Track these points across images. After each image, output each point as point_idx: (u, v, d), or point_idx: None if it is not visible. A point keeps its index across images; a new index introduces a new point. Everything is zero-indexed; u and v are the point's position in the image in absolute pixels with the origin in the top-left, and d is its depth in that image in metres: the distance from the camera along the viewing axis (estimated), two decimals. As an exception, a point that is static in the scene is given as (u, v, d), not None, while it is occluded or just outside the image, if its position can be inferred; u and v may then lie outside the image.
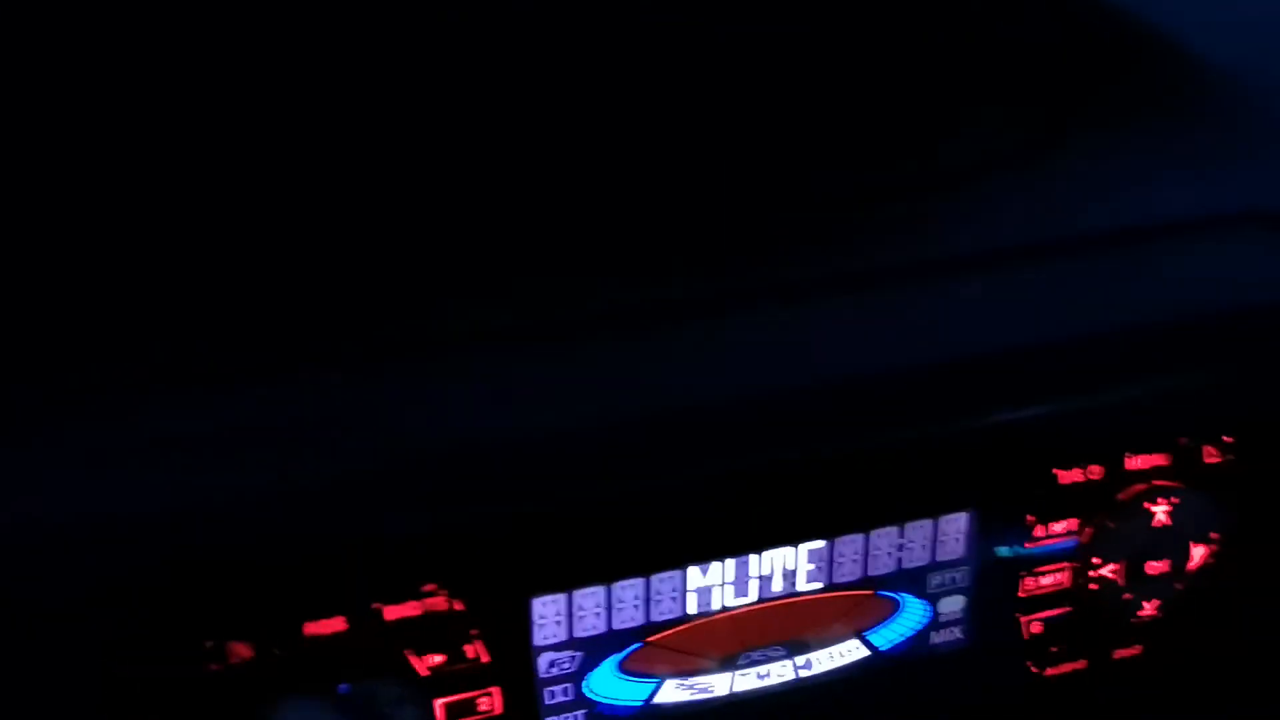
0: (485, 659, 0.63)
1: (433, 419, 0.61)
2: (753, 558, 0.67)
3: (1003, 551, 0.70)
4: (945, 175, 0.78)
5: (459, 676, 0.63)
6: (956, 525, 0.70)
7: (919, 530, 0.69)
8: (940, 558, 0.70)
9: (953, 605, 0.72)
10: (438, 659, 0.63)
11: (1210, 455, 0.71)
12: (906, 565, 0.70)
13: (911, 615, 0.71)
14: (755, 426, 0.64)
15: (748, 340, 0.67)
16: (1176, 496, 0.71)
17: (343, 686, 0.60)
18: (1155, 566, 0.72)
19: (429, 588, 0.61)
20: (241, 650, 0.59)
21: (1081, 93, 0.84)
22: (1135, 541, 0.71)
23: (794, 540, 0.67)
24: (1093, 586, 0.72)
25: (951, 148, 0.82)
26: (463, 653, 0.63)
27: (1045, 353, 0.68)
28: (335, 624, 0.60)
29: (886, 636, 0.72)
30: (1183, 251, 0.75)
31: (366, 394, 0.62)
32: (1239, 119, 0.83)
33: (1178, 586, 0.73)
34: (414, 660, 0.62)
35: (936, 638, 0.73)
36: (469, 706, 0.64)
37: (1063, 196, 0.78)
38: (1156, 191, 0.79)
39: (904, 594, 0.71)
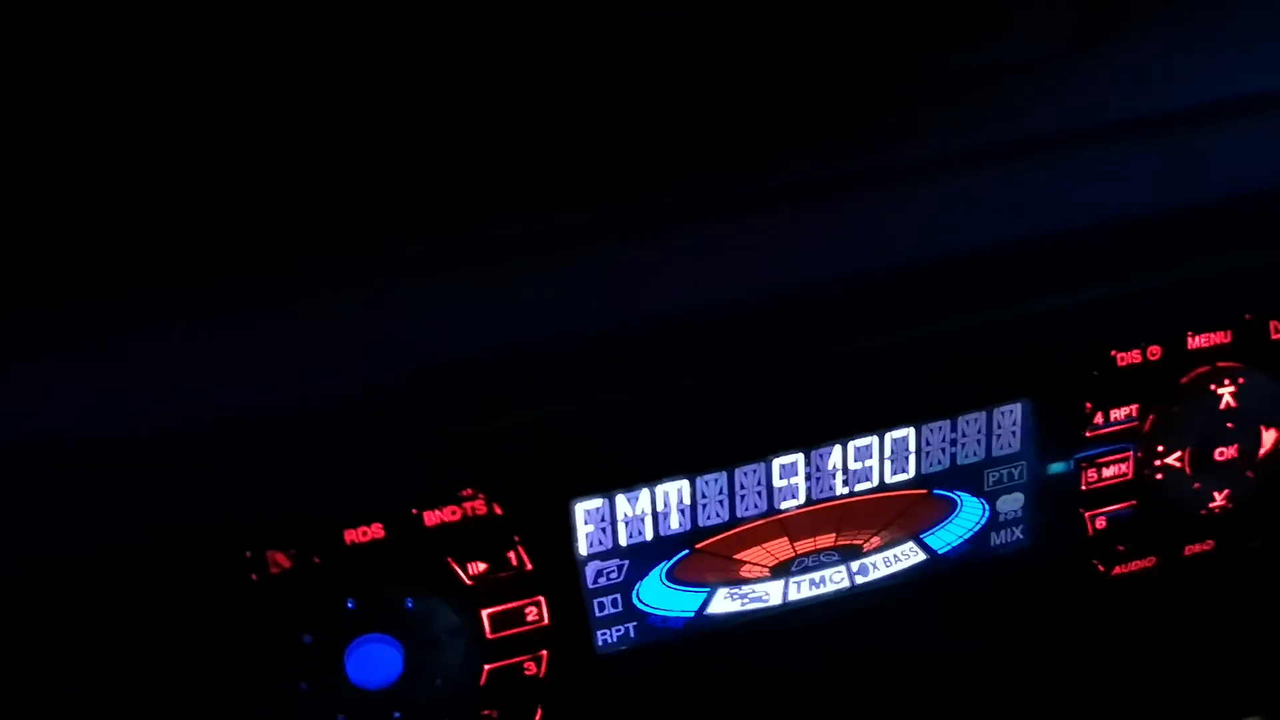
0: (529, 566, 0.62)
1: (460, 327, 0.59)
2: (800, 457, 0.65)
3: (1061, 442, 0.67)
4: (992, 66, 0.76)
5: (503, 585, 0.62)
6: (1011, 417, 0.67)
7: (972, 424, 0.67)
8: (996, 453, 0.68)
9: (1012, 504, 0.70)
10: (481, 567, 0.61)
11: (1277, 331, 0.67)
12: (961, 462, 0.68)
13: (969, 515, 0.69)
14: (797, 321, 0.62)
15: (784, 236, 0.65)
16: (1243, 377, 0.68)
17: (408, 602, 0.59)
18: (1224, 453, 0.69)
19: (466, 492, 0.59)
20: (281, 559, 0.57)
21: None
22: (1200, 427, 0.69)
23: (842, 437, 0.65)
24: (1158, 477, 0.69)
25: (1001, 39, 0.79)
26: (506, 560, 0.61)
27: (1099, 233, 0.66)
28: (374, 531, 0.58)
29: (944, 538, 0.69)
30: (1237, 130, 0.72)
31: (393, 306, 0.60)
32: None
33: (1249, 475, 0.70)
34: (456, 568, 0.60)
35: (996, 539, 0.70)
36: (517, 617, 0.63)
37: (1114, 83, 0.75)
38: (1207, 74, 0.76)
39: (960, 493, 0.68)
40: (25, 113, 0.59)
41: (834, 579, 0.68)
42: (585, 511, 0.63)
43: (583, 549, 0.64)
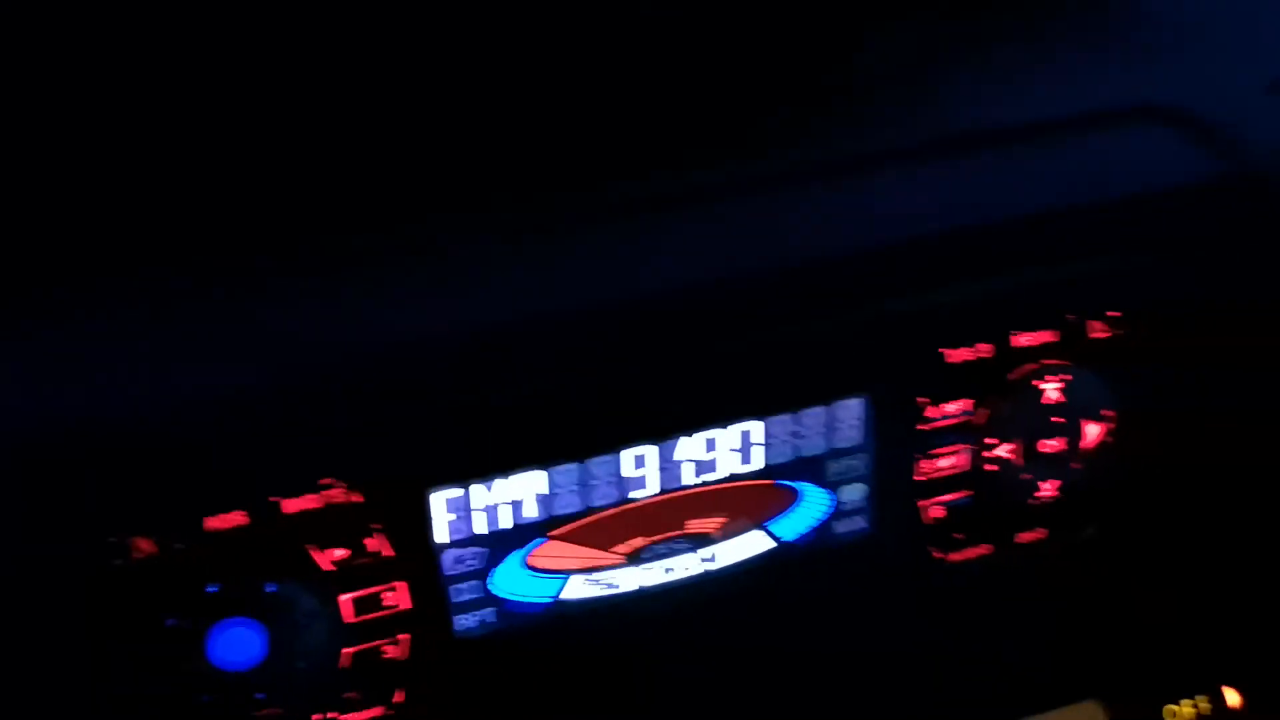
0: (388, 553, 0.64)
1: (321, 324, 0.62)
2: (650, 449, 0.68)
3: (898, 435, 0.71)
4: (841, 83, 0.80)
5: (363, 571, 0.64)
6: (851, 411, 0.71)
7: (814, 417, 0.71)
8: (837, 445, 0.72)
9: (854, 493, 0.74)
10: (340, 553, 0.64)
11: (1097, 331, 0.72)
12: (804, 453, 0.71)
13: (813, 504, 0.73)
14: (647, 321, 0.66)
15: (635, 241, 0.68)
16: (1067, 374, 0.72)
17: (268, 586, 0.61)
18: (1050, 445, 0.73)
19: (326, 481, 0.62)
20: (144, 545, 0.60)
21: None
22: (1029, 420, 0.73)
23: (691, 429, 0.68)
24: (990, 468, 0.74)
25: (851, 56, 0.83)
26: (364, 547, 0.64)
27: (932, 240, 0.70)
28: (235, 518, 0.61)
29: (790, 527, 0.73)
30: (1062, 146, 0.76)
31: (257, 302, 0.63)
32: (1133, 18, 0.84)
33: (1075, 466, 0.75)
34: (316, 555, 0.63)
35: (840, 527, 0.74)
36: (375, 602, 0.65)
37: (954, 97, 0.79)
38: (1046, 88, 0.80)
39: (804, 483, 0.72)
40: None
41: (685, 566, 0.72)
42: (444, 501, 0.65)
43: (441, 537, 0.66)
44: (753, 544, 0.73)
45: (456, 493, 0.66)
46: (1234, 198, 0.74)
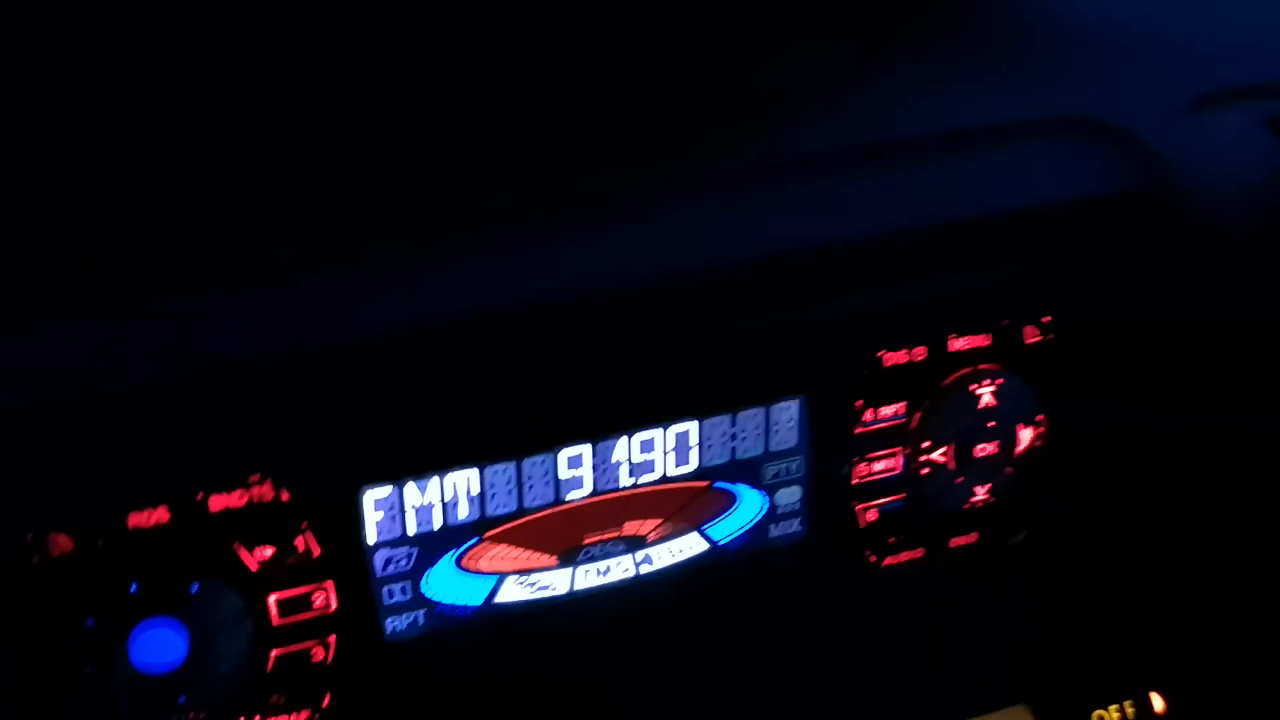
0: (317, 552, 0.63)
1: (250, 319, 0.60)
2: (587, 449, 0.67)
3: (834, 438, 0.71)
4: (770, 89, 0.80)
5: (290, 571, 0.63)
6: (788, 413, 0.71)
7: (751, 419, 0.70)
8: (774, 447, 0.72)
9: (789, 496, 0.73)
10: (267, 552, 0.62)
11: (1031, 336, 0.73)
12: (740, 456, 0.71)
13: (749, 507, 0.73)
14: (583, 320, 0.65)
15: (579, 238, 0.68)
16: (1000, 378, 0.73)
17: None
18: (984, 449, 0.74)
19: (254, 478, 0.60)
20: (63, 542, 0.58)
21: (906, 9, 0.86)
22: (962, 425, 0.73)
23: (627, 429, 0.67)
24: (924, 472, 0.74)
25: (781, 62, 0.83)
26: (293, 546, 0.63)
27: (868, 244, 0.70)
28: (159, 515, 0.59)
29: (725, 529, 0.73)
30: (998, 152, 0.77)
31: (187, 295, 0.61)
32: (1049, 31, 0.85)
33: (1008, 471, 0.75)
34: (242, 553, 0.61)
35: (775, 530, 0.74)
36: (304, 602, 0.64)
37: (884, 104, 0.79)
38: (973, 99, 0.81)
39: (740, 485, 0.72)
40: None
41: (619, 568, 0.71)
42: (374, 500, 0.64)
43: (371, 537, 0.65)
44: (688, 546, 0.72)
45: (388, 492, 0.65)
46: (1160, 209, 0.75)
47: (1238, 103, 0.80)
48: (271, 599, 0.63)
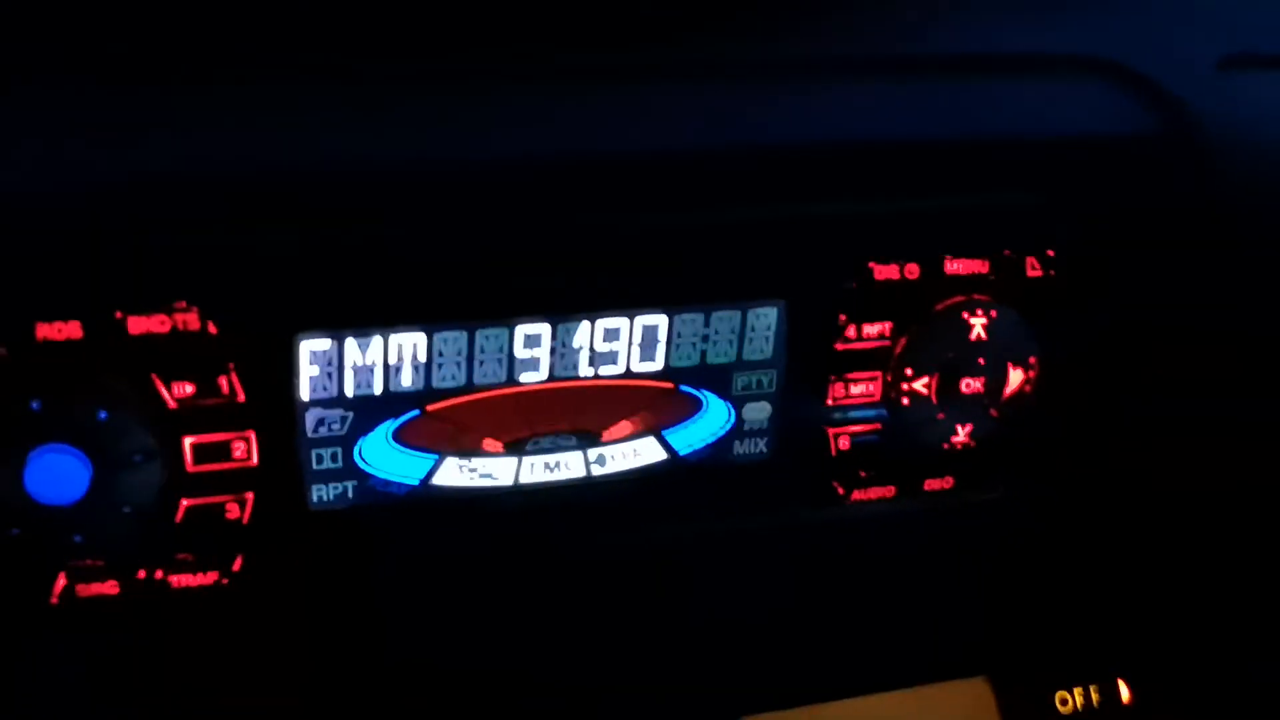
0: (241, 398, 0.58)
1: (214, 129, 0.56)
2: (546, 328, 0.62)
3: (812, 351, 0.66)
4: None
5: (210, 414, 0.58)
6: (765, 320, 0.66)
7: (725, 321, 0.66)
8: (747, 356, 0.67)
9: (758, 413, 0.69)
10: (187, 389, 0.57)
11: (1033, 269, 0.68)
12: (711, 360, 0.66)
13: (714, 418, 0.68)
14: (557, 185, 0.60)
15: (564, 102, 0.63)
16: (995, 310, 0.68)
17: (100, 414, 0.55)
18: (970, 385, 0.69)
19: (180, 304, 0.55)
20: (-41, 343, 0.53)
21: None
22: (950, 354, 0.69)
23: (591, 311, 0.63)
24: (904, 402, 0.69)
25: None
26: (216, 386, 0.58)
27: (876, 149, 0.65)
28: (71, 329, 0.54)
29: (686, 439, 0.68)
30: (1017, 82, 0.73)
31: (144, 104, 0.56)
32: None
33: (993, 414, 0.70)
34: (159, 385, 0.56)
35: (739, 447, 0.69)
36: (222, 451, 0.59)
37: (915, 19, 0.75)
38: (1005, 28, 0.77)
39: (706, 392, 0.67)
40: None
41: (570, 465, 0.66)
42: (310, 351, 0.59)
43: (305, 393, 0.60)
44: (645, 452, 0.68)
45: (326, 345, 0.60)
46: (1177, 159, 0.70)
47: (1265, 70, 0.76)
48: (187, 441, 0.58)
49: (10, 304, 0.53)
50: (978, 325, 0.68)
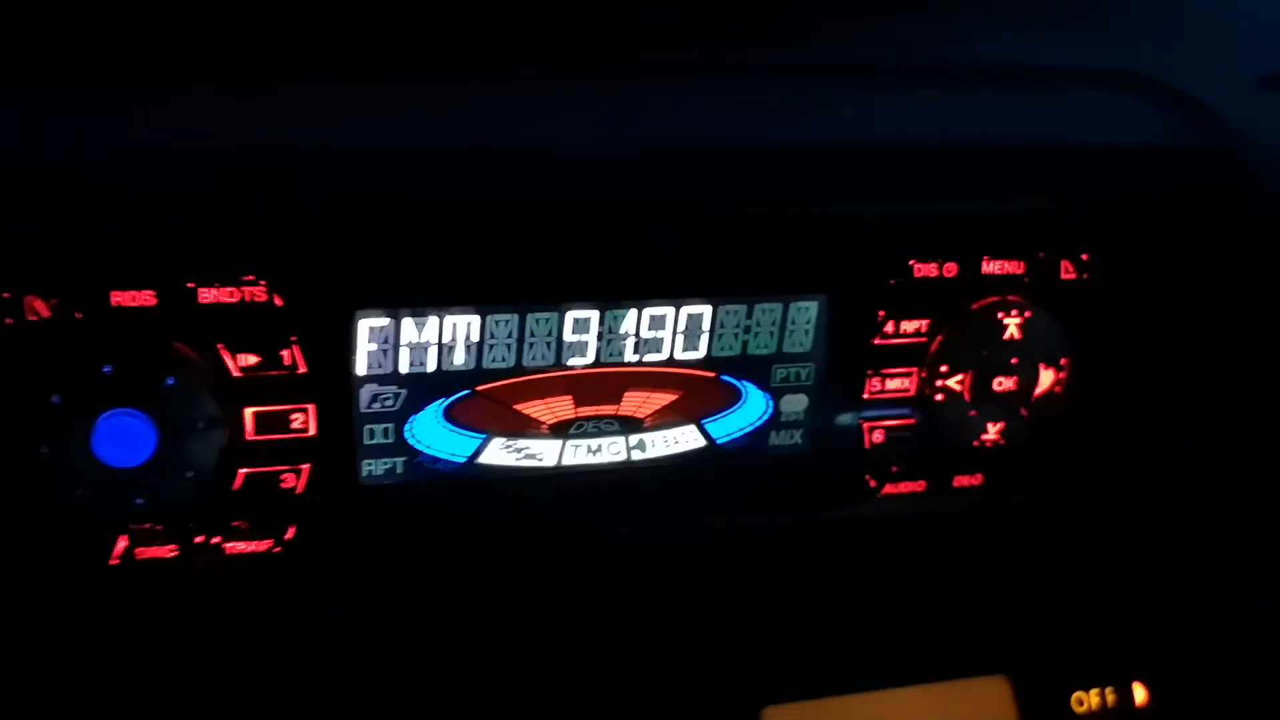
0: (302, 369, 0.60)
1: (283, 116, 0.57)
2: (593, 314, 0.65)
3: (851, 345, 0.68)
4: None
5: (272, 385, 0.60)
6: (806, 314, 0.68)
7: (768, 313, 0.68)
8: (787, 349, 0.69)
9: (795, 404, 0.71)
10: (251, 359, 0.59)
11: (1066, 272, 0.70)
12: (752, 351, 0.68)
13: (752, 408, 0.70)
14: (611, 176, 0.62)
15: (621, 97, 0.65)
16: (1030, 311, 0.70)
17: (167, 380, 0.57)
18: (1002, 384, 0.71)
19: (248, 277, 0.58)
20: (40, 307, 0.55)
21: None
22: (984, 353, 0.71)
23: (638, 299, 0.65)
24: (938, 398, 0.71)
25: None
26: (279, 358, 0.60)
27: (923, 152, 0.67)
28: (145, 297, 0.56)
29: (725, 428, 0.70)
30: (1060, 94, 0.75)
31: (223, 81, 0.58)
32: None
33: (1023, 413, 0.72)
34: (225, 354, 0.59)
35: (775, 438, 0.71)
36: (282, 421, 0.61)
37: (968, 30, 0.77)
38: (1053, 42, 0.79)
39: (746, 383, 0.69)
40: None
41: (611, 449, 0.68)
42: (369, 328, 0.61)
43: (361, 368, 0.62)
44: (685, 439, 0.70)
45: (384, 322, 0.62)
46: (1212, 173, 0.72)
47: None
48: (248, 411, 0.60)
49: (87, 271, 0.55)
50: (1012, 325, 0.70)
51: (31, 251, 0.54)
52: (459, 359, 0.64)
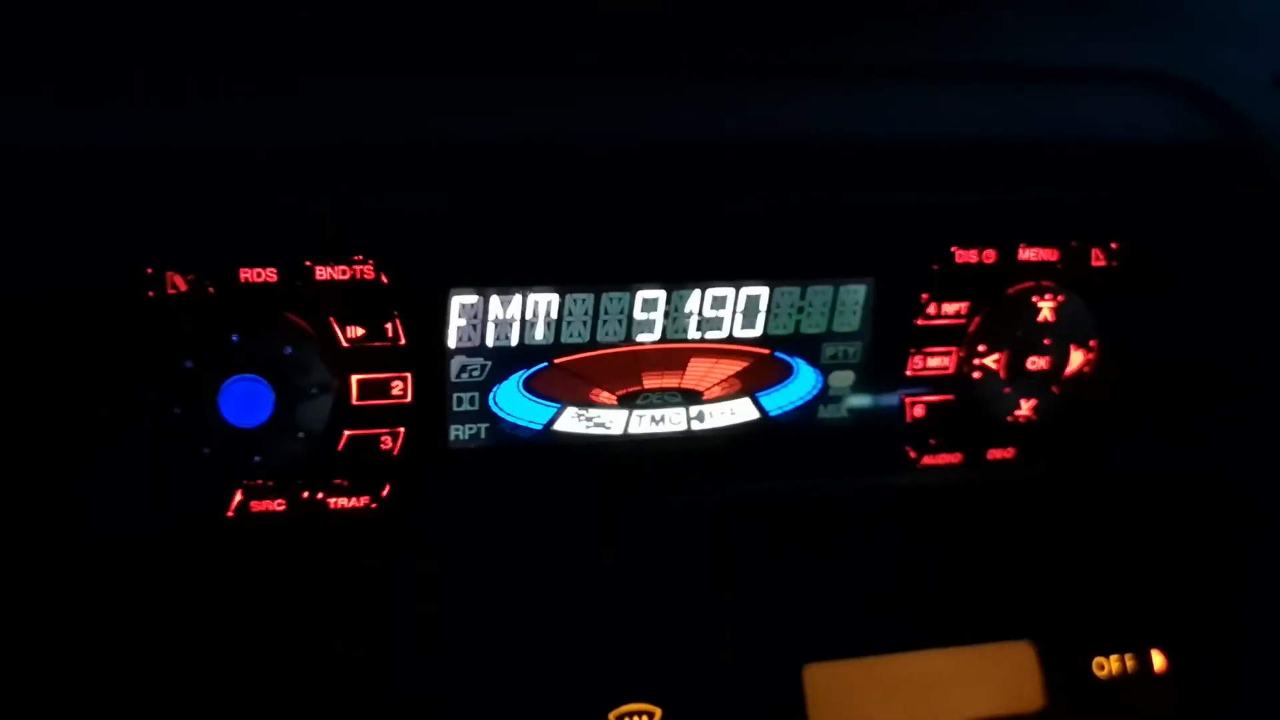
0: (403, 341, 0.67)
1: (389, 114, 0.64)
2: (660, 294, 0.71)
3: (895, 325, 0.74)
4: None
5: (375, 355, 0.67)
6: (854, 296, 0.74)
7: (819, 295, 0.74)
8: (836, 328, 0.75)
9: (842, 380, 0.77)
10: (359, 331, 0.66)
11: (1097, 259, 0.76)
12: (804, 330, 0.75)
13: (803, 383, 0.76)
14: (681, 166, 0.68)
15: (691, 94, 0.70)
16: (1062, 295, 0.76)
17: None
18: (1035, 363, 0.77)
19: (358, 257, 0.64)
20: (178, 281, 0.62)
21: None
22: (1019, 334, 0.77)
23: (702, 280, 0.71)
24: (975, 375, 0.77)
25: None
26: (383, 330, 0.66)
27: (964, 146, 0.73)
28: (268, 274, 0.63)
29: (777, 401, 0.76)
30: (1091, 92, 0.80)
31: (340, 89, 0.64)
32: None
33: (1054, 390, 0.78)
34: (336, 327, 0.65)
35: (824, 411, 0.77)
36: (383, 388, 0.67)
37: (1007, 31, 0.82)
38: (1085, 42, 0.84)
39: (798, 359, 0.75)
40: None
41: (673, 419, 0.75)
42: (460, 304, 0.68)
43: (452, 340, 0.69)
44: (740, 411, 0.76)
45: (474, 300, 0.68)
46: (1234, 165, 0.78)
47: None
48: (354, 378, 0.67)
49: (219, 250, 0.62)
50: (1045, 308, 0.76)
51: (172, 233, 0.61)
52: (539, 334, 0.70)
